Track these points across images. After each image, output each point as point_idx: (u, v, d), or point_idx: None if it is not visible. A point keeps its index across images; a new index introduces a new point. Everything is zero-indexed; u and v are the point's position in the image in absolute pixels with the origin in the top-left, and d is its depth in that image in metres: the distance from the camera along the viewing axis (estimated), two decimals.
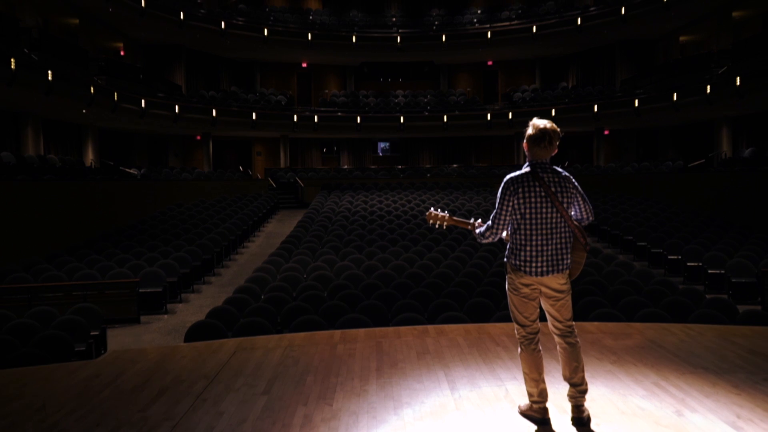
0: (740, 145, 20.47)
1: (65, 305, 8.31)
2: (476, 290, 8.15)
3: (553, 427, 3.27)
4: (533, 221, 3.28)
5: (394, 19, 29.93)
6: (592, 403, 3.50)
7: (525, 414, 3.42)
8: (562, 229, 3.32)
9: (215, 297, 10.49)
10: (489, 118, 26.16)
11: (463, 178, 24.54)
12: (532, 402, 3.39)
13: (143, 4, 21.42)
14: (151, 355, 4.89)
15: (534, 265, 3.29)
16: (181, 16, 23.10)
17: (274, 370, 4.31)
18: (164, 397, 3.80)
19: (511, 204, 3.32)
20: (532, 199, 3.27)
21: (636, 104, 21.88)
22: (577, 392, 3.32)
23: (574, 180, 3.39)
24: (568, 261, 3.35)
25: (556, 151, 3.37)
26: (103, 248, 12.48)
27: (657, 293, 7.98)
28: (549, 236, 3.29)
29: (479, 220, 3.61)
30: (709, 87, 18.45)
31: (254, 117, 24.88)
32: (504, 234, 3.43)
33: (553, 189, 3.29)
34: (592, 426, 3.25)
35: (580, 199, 3.38)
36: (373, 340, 5.08)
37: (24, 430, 3.32)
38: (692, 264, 11.30)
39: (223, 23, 24.60)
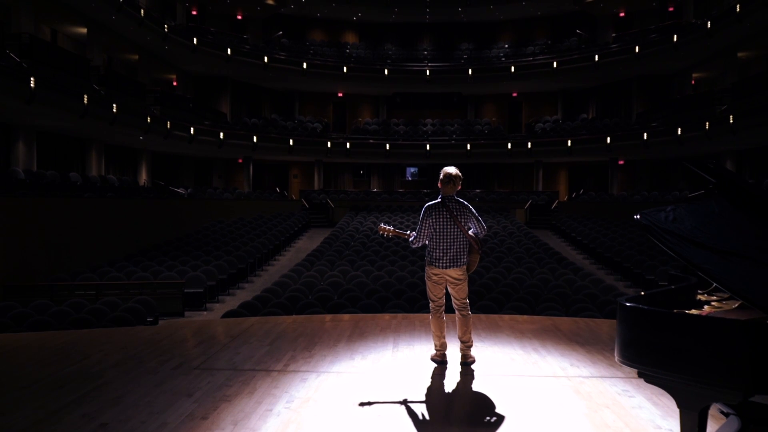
0: (744, 177, 21.64)
1: (125, 300, 10.37)
2: None
3: (447, 366, 5.04)
4: (441, 233, 5.07)
5: (425, 53, 31.97)
6: (482, 355, 5.26)
7: (432, 359, 5.21)
8: (461, 239, 5.09)
9: (247, 300, 12.42)
10: (510, 147, 27.82)
11: (485, 202, 26.22)
12: (436, 350, 5.18)
13: (195, 42, 24.00)
14: (194, 324, 6.84)
15: (441, 261, 5.07)
16: (229, 52, 25.61)
17: (278, 334, 6.18)
18: (202, 344, 5.72)
19: (427, 222, 5.12)
20: (440, 220, 5.07)
21: (645, 137, 23.32)
22: (465, 347, 5.10)
23: (471, 207, 5.18)
24: (465, 260, 5.12)
25: (460, 186, 5.16)
26: (154, 256, 14.66)
27: (607, 303, 9.60)
28: (451, 243, 5.07)
29: (413, 232, 5.41)
30: (708, 123, 19.85)
31: (291, 143, 27.12)
32: (427, 241, 5.23)
33: (455, 213, 5.08)
34: (473, 366, 5.01)
35: (474, 219, 5.15)
36: (354, 321, 6.91)
37: (114, 357, 5.26)
38: (663, 283, 12.80)
39: (266, 57, 27.01)
